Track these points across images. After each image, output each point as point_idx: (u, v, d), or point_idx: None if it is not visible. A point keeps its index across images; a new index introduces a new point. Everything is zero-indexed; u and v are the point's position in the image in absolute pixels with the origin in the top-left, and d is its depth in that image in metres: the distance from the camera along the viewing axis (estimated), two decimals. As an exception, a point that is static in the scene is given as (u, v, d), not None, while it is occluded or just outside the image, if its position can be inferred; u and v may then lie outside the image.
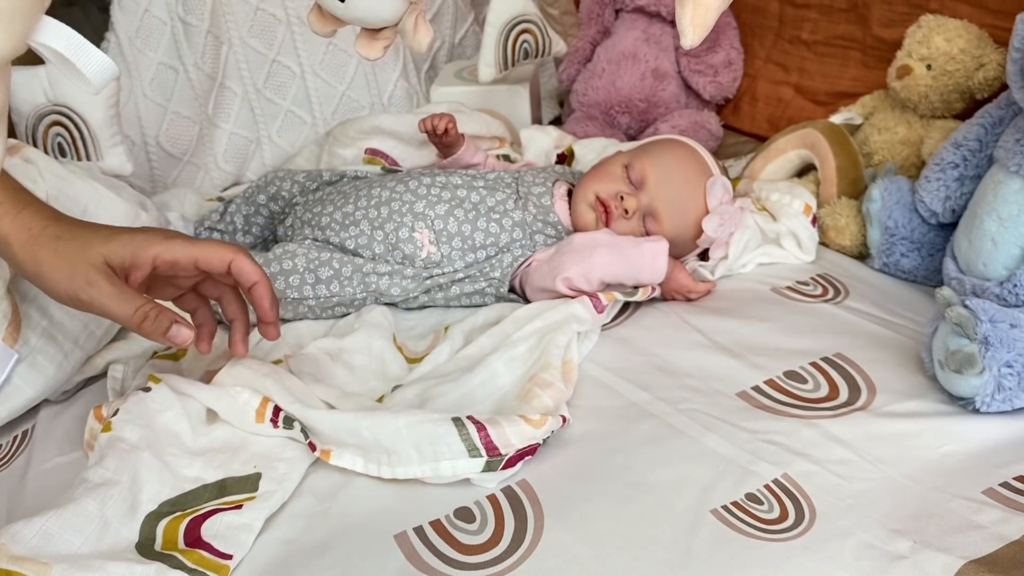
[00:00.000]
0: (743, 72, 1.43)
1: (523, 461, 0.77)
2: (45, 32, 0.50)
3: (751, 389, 0.86)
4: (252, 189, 1.15)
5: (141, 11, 1.22)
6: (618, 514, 0.72)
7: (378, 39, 0.71)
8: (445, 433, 0.76)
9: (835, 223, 1.09)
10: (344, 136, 1.26)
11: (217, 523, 0.73)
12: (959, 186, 0.99)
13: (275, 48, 1.33)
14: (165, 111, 1.25)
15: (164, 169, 1.27)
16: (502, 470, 0.76)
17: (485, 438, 0.76)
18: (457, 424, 0.76)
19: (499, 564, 0.69)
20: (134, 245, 0.75)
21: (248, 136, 1.34)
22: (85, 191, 0.95)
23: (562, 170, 1.14)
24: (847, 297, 1.01)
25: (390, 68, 1.41)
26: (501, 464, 0.76)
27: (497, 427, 0.76)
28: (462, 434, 0.76)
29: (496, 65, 1.31)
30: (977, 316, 0.79)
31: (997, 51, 1.08)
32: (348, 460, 0.78)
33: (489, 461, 0.75)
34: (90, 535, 0.69)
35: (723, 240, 1.05)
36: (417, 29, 0.67)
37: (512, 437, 0.76)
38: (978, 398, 0.80)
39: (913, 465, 0.76)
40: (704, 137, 1.32)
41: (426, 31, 0.67)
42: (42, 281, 0.75)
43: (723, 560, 0.68)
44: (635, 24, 1.41)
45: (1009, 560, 0.66)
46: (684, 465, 0.77)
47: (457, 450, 0.75)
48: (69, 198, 0.93)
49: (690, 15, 0.62)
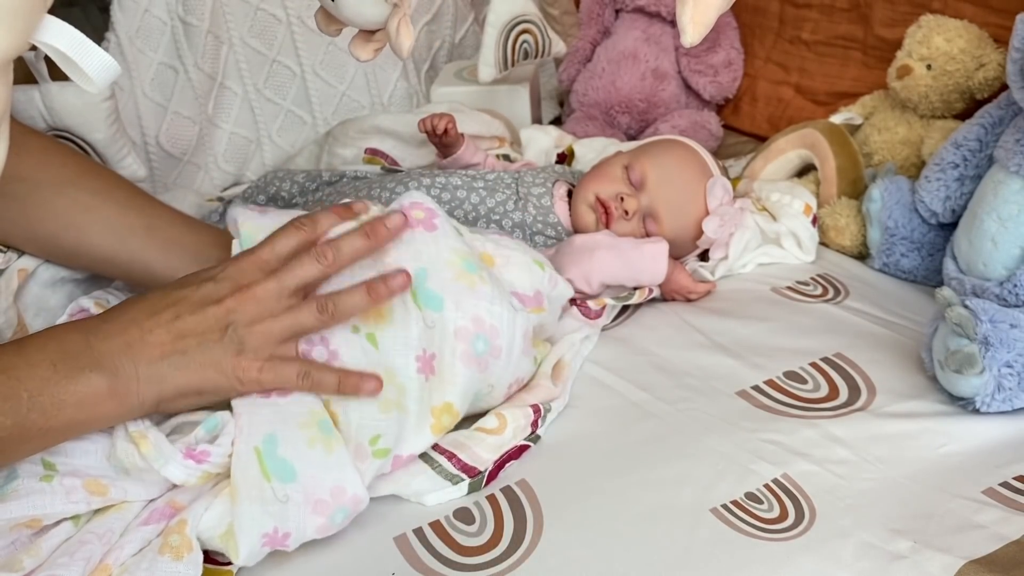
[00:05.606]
0: (743, 72, 1.43)
1: (512, 463, 0.77)
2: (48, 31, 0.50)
3: (751, 389, 0.86)
4: (252, 189, 1.15)
5: (141, 11, 1.21)
6: (618, 514, 0.72)
7: (371, 41, 0.72)
8: (419, 472, 0.76)
9: (835, 223, 1.09)
10: (344, 136, 1.26)
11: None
12: (959, 186, 0.99)
13: (275, 48, 1.33)
14: (165, 111, 1.25)
15: (164, 169, 1.27)
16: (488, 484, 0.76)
17: (458, 463, 0.76)
18: (427, 460, 0.77)
19: (499, 564, 0.69)
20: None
21: (248, 136, 1.34)
22: None
23: (562, 170, 1.14)
24: (847, 297, 1.01)
25: (390, 68, 1.41)
26: (484, 480, 0.76)
27: (464, 449, 0.77)
28: (436, 468, 0.76)
29: (496, 65, 1.31)
30: (977, 316, 0.79)
31: (997, 51, 1.08)
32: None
33: (472, 482, 0.76)
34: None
35: (723, 241, 1.05)
36: (399, 32, 0.68)
37: (482, 453, 0.77)
38: (978, 398, 0.80)
39: (913, 465, 0.76)
40: (704, 137, 1.32)
41: (408, 34, 0.68)
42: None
43: (723, 559, 0.68)
44: (635, 24, 1.41)
45: (1009, 560, 0.66)
46: (684, 464, 0.77)
47: (438, 483, 0.75)
48: None
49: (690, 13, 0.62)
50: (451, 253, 0.79)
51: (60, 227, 0.84)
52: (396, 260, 0.77)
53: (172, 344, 0.70)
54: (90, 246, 0.85)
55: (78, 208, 0.84)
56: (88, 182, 0.85)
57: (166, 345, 0.70)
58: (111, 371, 0.68)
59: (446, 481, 0.75)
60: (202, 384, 0.71)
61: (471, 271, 0.79)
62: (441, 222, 0.80)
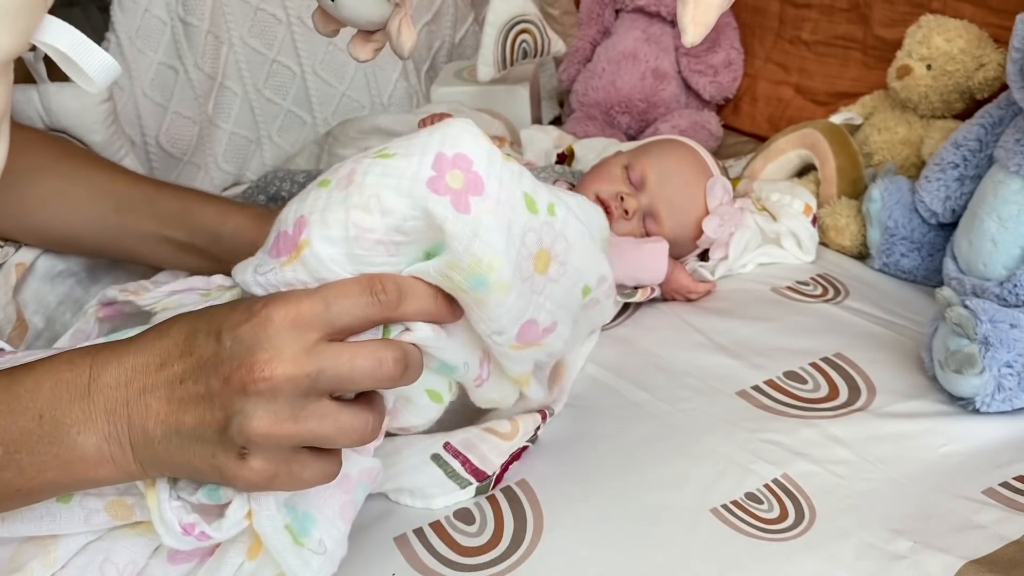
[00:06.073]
0: (743, 72, 1.43)
1: (513, 466, 0.77)
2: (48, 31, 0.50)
3: (751, 389, 0.86)
4: (252, 189, 1.15)
5: (141, 11, 1.22)
6: (618, 514, 0.72)
7: (370, 41, 0.72)
8: (431, 473, 0.75)
9: (835, 223, 1.09)
10: (344, 136, 1.26)
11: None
12: (959, 186, 0.99)
13: (275, 48, 1.33)
14: (165, 111, 1.25)
15: (164, 169, 1.27)
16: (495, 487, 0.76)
17: (470, 468, 0.76)
18: (438, 462, 0.76)
19: (499, 565, 0.69)
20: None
21: (248, 136, 1.34)
22: None
23: (562, 170, 1.14)
24: (847, 297, 1.01)
25: (390, 68, 1.41)
26: (491, 484, 0.76)
27: (475, 451, 0.76)
28: (447, 471, 0.75)
29: (495, 65, 1.31)
30: (977, 316, 0.79)
31: (997, 51, 1.08)
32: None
33: (479, 486, 0.76)
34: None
35: (723, 240, 1.05)
36: (401, 32, 0.68)
37: (490, 455, 0.76)
38: (978, 398, 0.80)
39: (913, 465, 0.76)
40: (704, 137, 1.32)
41: (409, 34, 0.68)
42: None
43: (723, 559, 0.68)
44: (635, 24, 1.41)
45: (1009, 560, 0.66)
46: (684, 464, 0.77)
47: (448, 487, 0.75)
48: None
49: (691, 12, 0.62)
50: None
51: (41, 214, 0.83)
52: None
53: (168, 416, 0.54)
54: (68, 231, 0.84)
55: (53, 194, 0.82)
56: (61, 166, 0.84)
57: (162, 415, 0.54)
58: (103, 435, 0.54)
59: (455, 485, 0.75)
60: (200, 477, 0.56)
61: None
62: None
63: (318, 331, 0.52)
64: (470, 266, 0.56)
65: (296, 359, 0.51)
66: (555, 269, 0.62)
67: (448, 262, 0.56)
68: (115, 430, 0.54)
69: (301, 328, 0.52)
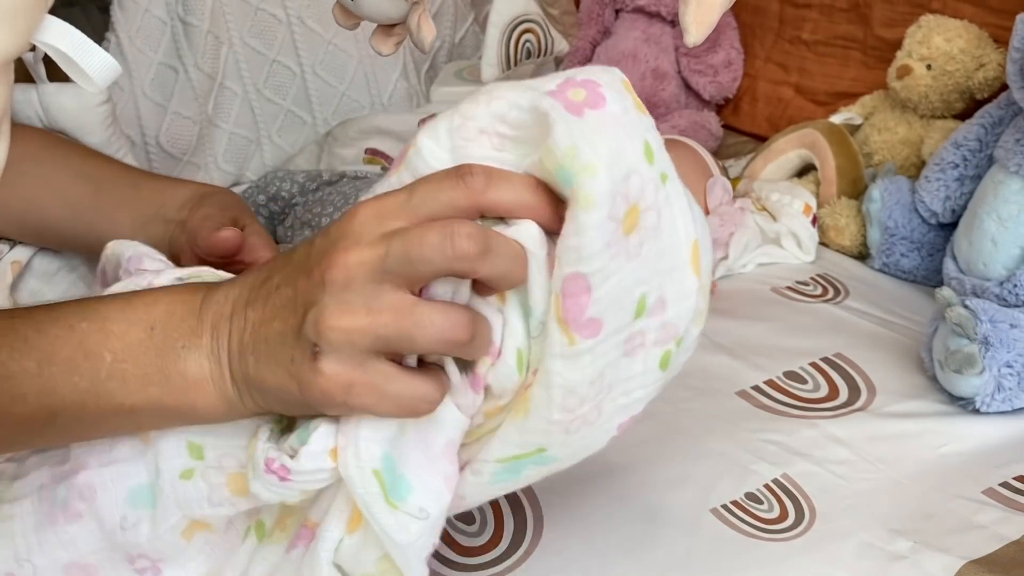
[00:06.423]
0: (743, 72, 1.43)
1: None
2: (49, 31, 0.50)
3: (751, 389, 0.86)
4: (252, 189, 1.15)
5: (141, 11, 1.21)
6: (618, 514, 0.72)
7: (392, 35, 0.72)
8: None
9: (835, 223, 1.09)
10: (344, 136, 1.26)
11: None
12: (959, 186, 0.99)
13: (275, 48, 1.32)
14: (165, 111, 1.25)
15: (164, 169, 1.27)
16: None
17: None
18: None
19: (499, 565, 0.69)
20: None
21: (248, 136, 1.34)
22: None
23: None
24: (847, 297, 1.01)
25: (390, 68, 1.41)
26: None
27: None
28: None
29: (499, 65, 1.31)
30: (977, 316, 0.79)
31: (997, 51, 1.08)
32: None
33: None
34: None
35: (723, 240, 1.05)
36: (420, 27, 0.68)
37: None
38: (978, 398, 0.80)
39: (913, 465, 0.76)
40: (704, 137, 1.32)
41: (429, 28, 0.68)
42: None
43: (723, 560, 0.68)
44: (635, 24, 1.41)
45: (1009, 560, 0.66)
46: (684, 465, 0.77)
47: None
48: None
49: (693, 12, 0.62)
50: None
51: (26, 205, 0.82)
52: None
53: (261, 323, 0.51)
54: (52, 221, 0.83)
55: (38, 184, 0.82)
56: (46, 154, 0.83)
57: (256, 324, 0.51)
58: (206, 350, 0.52)
59: None
60: (284, 396, 0.51)
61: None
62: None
63: (401, 220, 0.48)
64: (566, 156, 0.46)
65: (372, 244, 0.47)
66: (634, 239, 0.48)
67: (547, 148, 0.47)
68: (216, 345, 0.52)
69: (383, 217, 0.48)
